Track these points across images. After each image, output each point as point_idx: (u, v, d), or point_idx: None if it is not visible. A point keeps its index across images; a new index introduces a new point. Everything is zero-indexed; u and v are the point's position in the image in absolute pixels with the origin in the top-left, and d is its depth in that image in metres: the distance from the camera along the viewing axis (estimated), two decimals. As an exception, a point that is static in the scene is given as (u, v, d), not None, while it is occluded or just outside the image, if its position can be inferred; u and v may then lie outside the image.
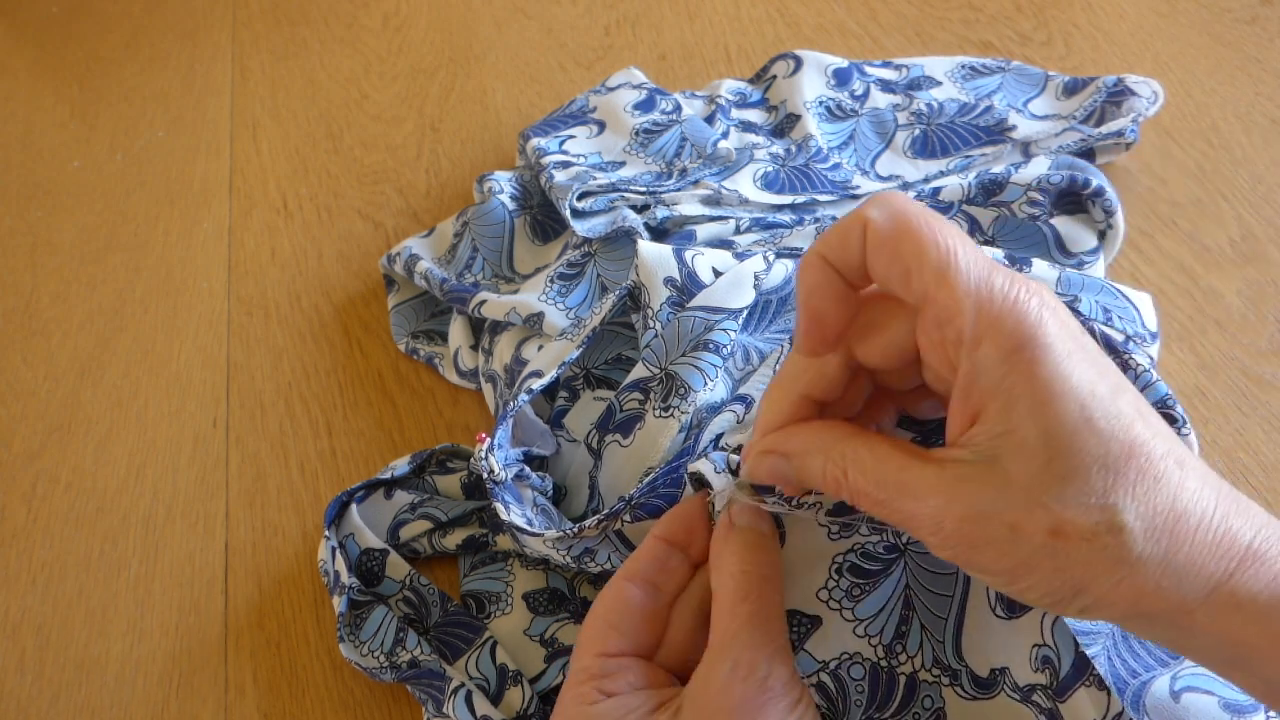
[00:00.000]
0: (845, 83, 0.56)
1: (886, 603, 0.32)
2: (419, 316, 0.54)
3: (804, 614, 0.32)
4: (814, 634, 0.32)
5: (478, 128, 0.65)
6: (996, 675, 0.31)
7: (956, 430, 0.24)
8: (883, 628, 0.32)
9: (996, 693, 0.31)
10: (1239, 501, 0.23)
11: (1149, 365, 0.38)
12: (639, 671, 0.29)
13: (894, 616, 0.32)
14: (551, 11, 0.72)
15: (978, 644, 0.31)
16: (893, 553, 0.32)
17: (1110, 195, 0.47)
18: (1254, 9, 0.61)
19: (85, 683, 0.43)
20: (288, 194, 0.63)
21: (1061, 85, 0.54)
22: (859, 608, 0.32)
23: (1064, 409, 0.22)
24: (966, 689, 0.31)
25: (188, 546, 0.47)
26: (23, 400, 0.55)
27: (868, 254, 0.24)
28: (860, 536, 0.32)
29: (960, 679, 0.32)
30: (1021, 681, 0.31)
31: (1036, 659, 0.30)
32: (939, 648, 0.32)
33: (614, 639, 0.30)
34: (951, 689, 0.32)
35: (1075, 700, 0.29)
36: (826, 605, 0.32)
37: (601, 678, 0.29)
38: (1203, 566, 0.22)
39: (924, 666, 0.32)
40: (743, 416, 0.38)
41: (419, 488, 0.45)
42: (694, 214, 0.48)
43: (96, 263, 0.62)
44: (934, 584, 0.32)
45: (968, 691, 0.31)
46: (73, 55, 0.77)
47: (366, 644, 0.39)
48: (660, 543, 0.31)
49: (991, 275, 0.23)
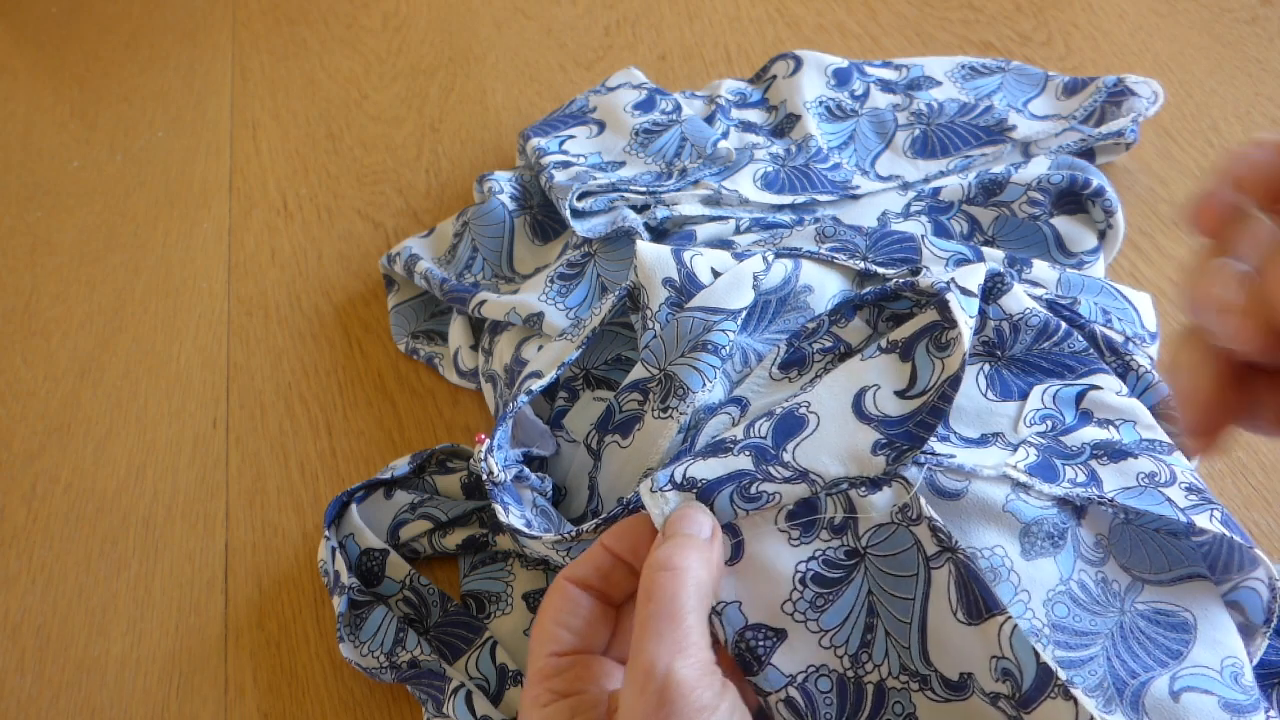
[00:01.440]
0: (845, 83, 0.56)
1: (850, 611, 0.32)
2: (419, 316, 0.54)
3: (769, 627, 0.31)
4: (780, 647, 0.31)
5: (478, 128, 0.65)
6: (966, 679, 0.31)
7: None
8: (848, 637, 0.31)
9: (969, 695, 0.31)
10: None
11: (1149, 366, 0.38)
12: (593, 668, 0.29)
13: (859, 625, 0.32)
14: (551, 12, 0.72)
15: (943, 648, 0.31)
16: (854, 558, 0.32)
17: (1110, 195, 0.47)
18: (1254, 9, 0.61)
19: (85, 683, 0.44)
20: (288, 194, 0.63)
21: (1061, 85, 0.54)
22: (823, 618, 0.31)
23: None
24: (938, 692, 0.31)
25: (188, 546, 0.47)
26: (23, 400, 0.55)
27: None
28: (820, 542, 0.32)
29: (930, 683, 0.31)
30: (986, 689, 0.30)
31: (996, 670, 0.30)
32: (905, 654, 0.31)
33: (565, 637, 0.29)
34: (921, 694, 0.31)
35: (1042, 712, 0.29)
36: (791, 618, 0.31)
37: (553, 677, 0.28)
38: None
39: (891, 674, 0.31)
40: (737, 420, 0.38)
41: (419, 488, 0.45)
42: (694, 214, 0.48)
43: (96, 263, 0.62)
44: (895, 587, 0.32)
45: (939, 694, 0.31)
46: (73, 55, 0.77)
47: (366, 644, 0.40)
48: (606, 553, 0.31)
49: None
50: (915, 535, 0.32)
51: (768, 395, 0.38)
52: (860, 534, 0.32)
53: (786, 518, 0.30)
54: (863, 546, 0.32)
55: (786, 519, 0.30)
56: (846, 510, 0.32)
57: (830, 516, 0.32)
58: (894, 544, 0.32)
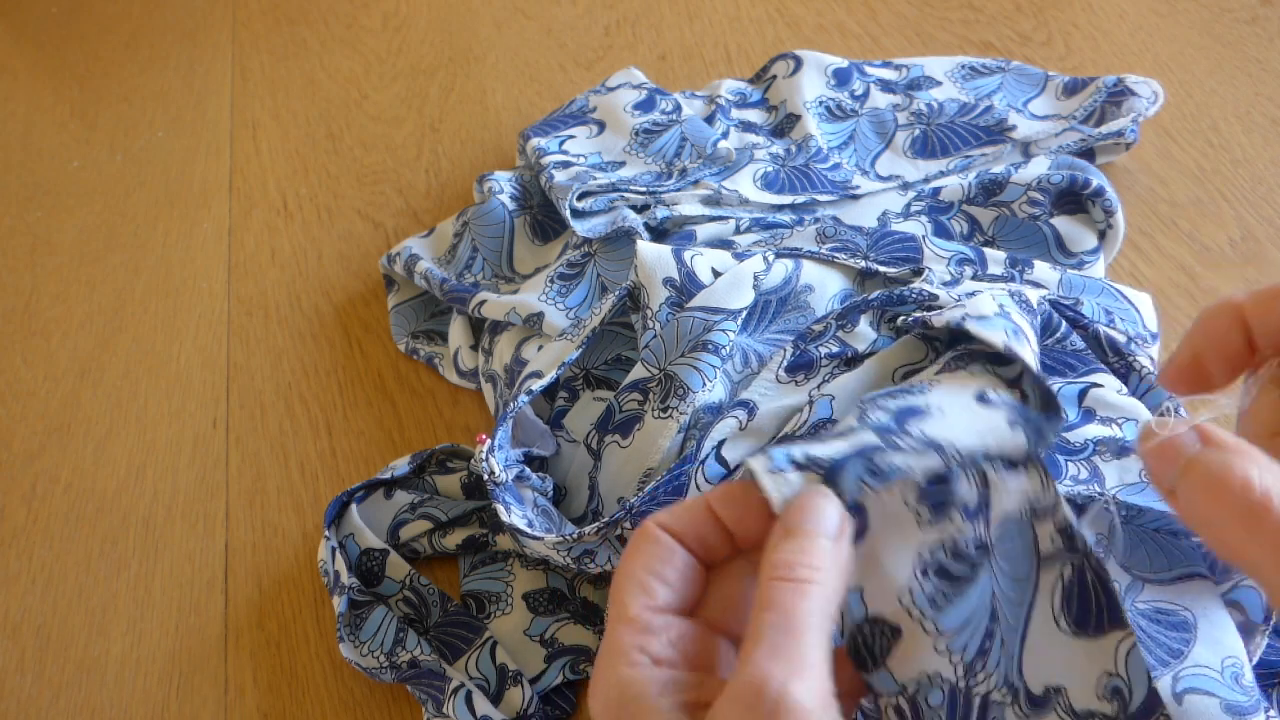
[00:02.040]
0: (845, 83, 0.56)
1: (973, 614, 0.28)
2: (419, 316, 0.54)
3: (888, 624, 0.28)
4: (895, 649, 0.28)
5: (478, 128, 0.65)
6: (1051, 694, 0.28)
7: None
8: (966, 643, 0.28)
9: (1048, 712, 0.28)
10: None
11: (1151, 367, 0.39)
12: (686, 636, 0.26)
13: (979, 630, 0.28)
14: (551, 12, 0.72)
15: (1036, 658, 0.28)
16: (982, 553, 0.29)
17: (1110, 195, 0.47)
18: (1254, 9, 0.61)
19: (85, 683, 0.43)
20: (288, 194, 0.63)
21: (1061, 85, 0.54)
22: (942, 618, 0.28)
23: None
24: (1023, 708, 0.28)
25: (188, 546, 0.47)
26: (23, 400, 0.55)
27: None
28: (951, 525, 0.28)
29: (1019, 697, 0.29)
30: (1079, 706, 0.28)
31: (1105, 688, 0.28)
32: (1010, 664, 0.29)
33: (661, 592, 0.26)
34: (1012, 708, 0.28)
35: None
36: (909, 613, 0.28)
37: (645, 634, 0.25)
38: None
39: (995, 686, 0.29)
40: (745, 424, 0.38)
41: (419, 488, 0.45)
42: (694, 214, 0.48)
43: (96, 263, 0.62)
44: (1012, 589, 0.29)
45: (1023, 710, 0.28)
46: (73, 55, 0.77)
47: (366, 644, 0.40)
48: (708, 514, 0.27)
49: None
50: (1035, 532, 0.29)
51: (776, 399, 0.38)
52: (991, 523, 0.29)
53: (917, 497, 0.27)
54: (991, 541, 0.29)
55: (917, 497, 0.27)
56: (981, 487, 0.29)
57: (964, 498, 0.29)
58: (1017, 539, 0.29)
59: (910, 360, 0.38)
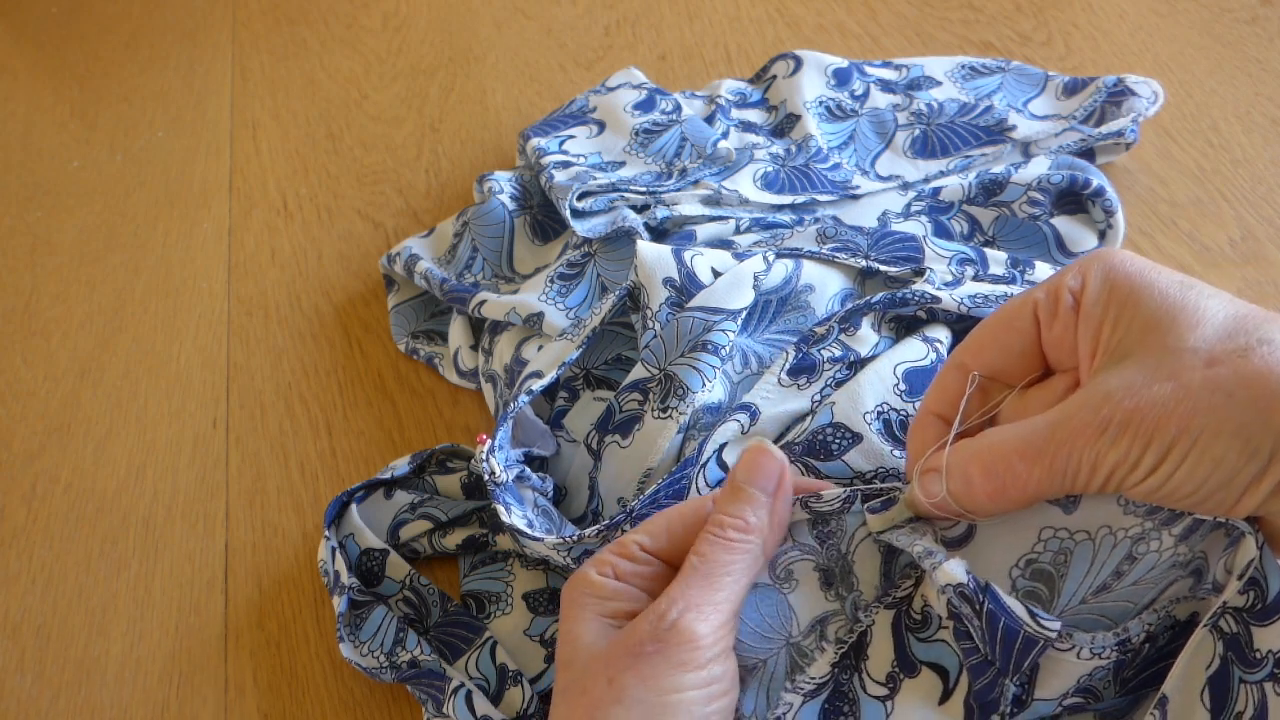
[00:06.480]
0: (845, 83, 0.56)
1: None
2: (419, 316, 0.54)
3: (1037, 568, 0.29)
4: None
5: (478, 128, 0.65)
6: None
7: (1086, 363, 0.27)
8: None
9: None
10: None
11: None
12: (661, 575, 0.30)
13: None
14: (551, 12, 0.72)
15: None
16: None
17: (1110, 195, 0.47)
18: (1254, 9, 0.61)
19: (85, 683, 0.43)
20: (288, 194, 0.63)
21: (1061, 85, 0.54)
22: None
23: (1166, 281, 0.26)
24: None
25: (188, 546, 0.47)
26: (23, 400, 0.55)
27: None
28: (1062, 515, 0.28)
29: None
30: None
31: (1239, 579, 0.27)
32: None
33: (661, 540, 0.31)
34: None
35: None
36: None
37: (622, 556, 0.30)
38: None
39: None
40: (747, 427, 0.38)
41: (419, 488, 0.45)
42: (694, 214, 0.48)
43: (96, 263, 0.62)
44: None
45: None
46: (73, 55, 0.77)
47: (366, 644, 0.40)
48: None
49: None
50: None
51: (779, 404, 0.38)
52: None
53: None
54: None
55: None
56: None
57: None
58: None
59: (911, 360, 0.38)
